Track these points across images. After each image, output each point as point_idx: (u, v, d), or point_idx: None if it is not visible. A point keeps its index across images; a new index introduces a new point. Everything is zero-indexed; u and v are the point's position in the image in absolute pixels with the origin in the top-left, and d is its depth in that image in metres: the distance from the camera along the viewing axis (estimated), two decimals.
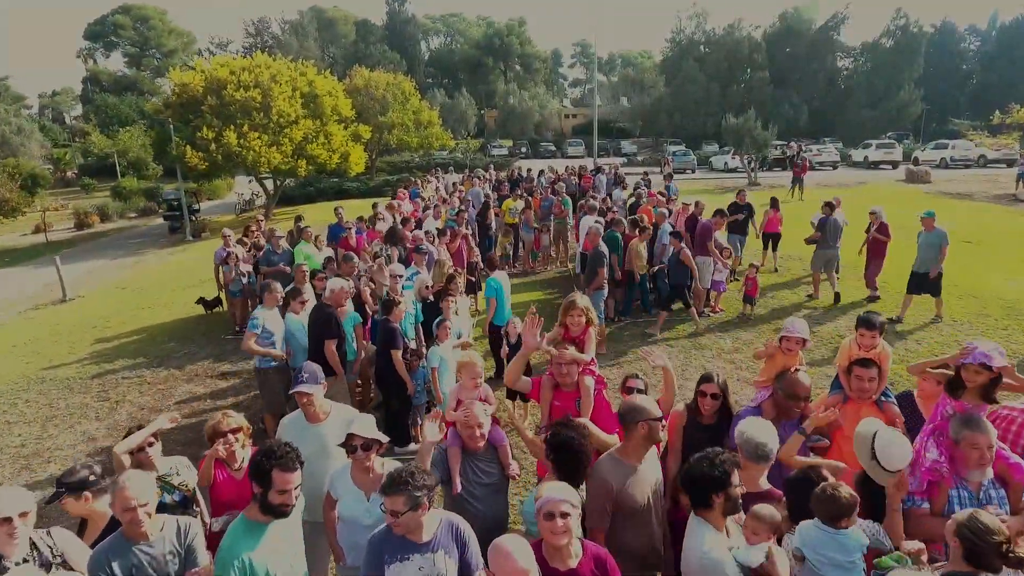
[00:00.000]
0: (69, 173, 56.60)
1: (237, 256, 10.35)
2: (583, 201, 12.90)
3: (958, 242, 12.39)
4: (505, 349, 7.54)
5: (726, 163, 38.73)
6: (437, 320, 6.48)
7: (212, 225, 27.29)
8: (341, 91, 27.91)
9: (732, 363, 8.48)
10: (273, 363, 6.34)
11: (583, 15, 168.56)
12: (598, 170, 23.02)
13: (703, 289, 10.37)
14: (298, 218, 12.35)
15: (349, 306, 6.73)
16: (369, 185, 32.80)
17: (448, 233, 10.02)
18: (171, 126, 22.90)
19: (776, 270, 13.32)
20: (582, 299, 4.01)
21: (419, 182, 19.49)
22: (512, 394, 6.32)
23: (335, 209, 12.07)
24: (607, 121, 64.57)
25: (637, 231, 10.28)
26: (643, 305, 10.75)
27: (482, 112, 72.05)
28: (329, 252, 10.58)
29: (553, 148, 56.49)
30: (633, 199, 13.77)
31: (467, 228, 12.58)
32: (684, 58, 60.94)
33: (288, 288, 6.87)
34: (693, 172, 38.47)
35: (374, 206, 12.79)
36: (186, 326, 11.49)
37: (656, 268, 10.54)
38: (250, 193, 31.66)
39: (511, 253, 14.85)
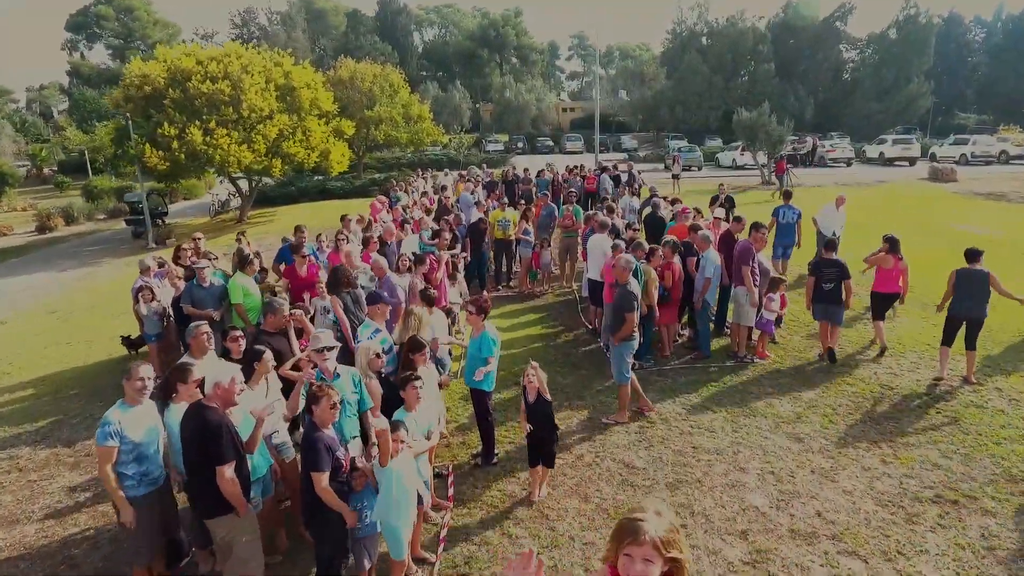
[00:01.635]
0: (47, 170, 54.18)
1: (152, 291, 8.13)
2: (591, 213, 10.77)
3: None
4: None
5: (734, 160, 36.62)
6: (396, 414, 4.40)
7: (181, 230, 25.09)
8: (321, 83, 25.66)
9: (797, 439, 6.40)
10: (144, 491, 4.22)
11: (580, 6, 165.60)
12: (602, 169, 20.89)
13: (744, 327, 8.28)
14: (298, 228, 9.98)
15: (261, 387, 4.65)
16: (354, 184, 30.60)
17: (427, 261, 7.80)
18: (129, 121, 20.65)
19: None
20: (654, 527, 1.84)
21: (403, 185, 17.19)
22: None
23: (296, 228, 9.80)
24: (606, 115, 62.35)
25: (656, 255, 8.21)
26: (701, 349, 8.64)
27: (477, 106, 69.74)
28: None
29: (551, 143, 54.31)
30: (649, 208, 11.60)
31: (455, 248, 10.49)
32: (686, 50, 58.82)
33: (177, 364, 4.74)
34: (699, 169, 36.30)
35: (342, 219, 10.67)
36: (101, 373, 9.27)
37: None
38: (226, 194, 29.42)
39: (506, 271, 12.72)
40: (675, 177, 25.50)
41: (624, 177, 19.78)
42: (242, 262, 7.79)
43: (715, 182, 29.27)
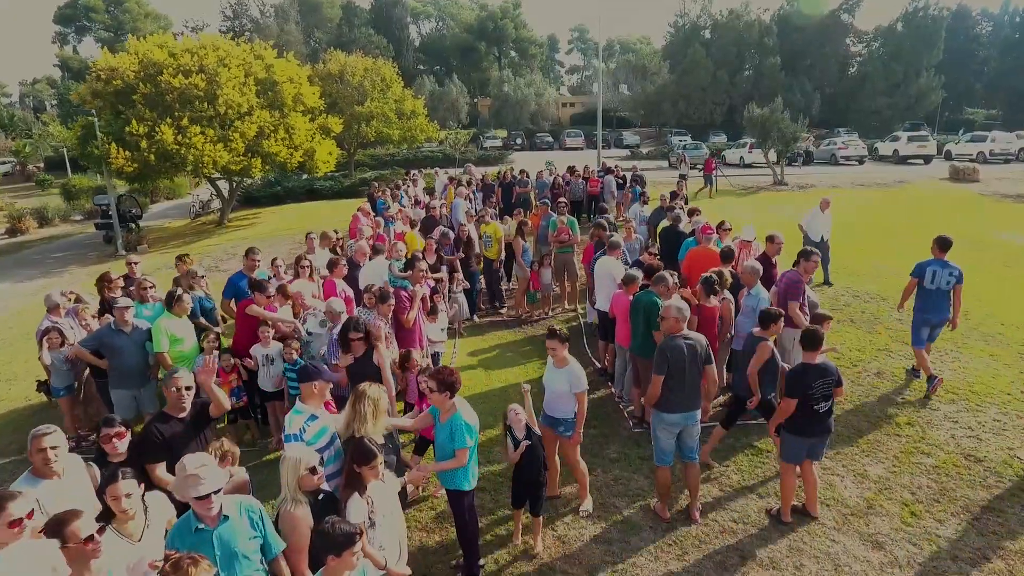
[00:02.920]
0: (31, 167, 52.53)
1: (61, 333, 6.59)
2: (598, 228, 9.24)
3: None
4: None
5: (742, 158, 35.02)
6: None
7: (158, 234, 23.58)
8: (305, 77, 24.09)
9: (875, 544, 4.92)
10: None
11: None
12: (607, 171, 19.37)
13: None
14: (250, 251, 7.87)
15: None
16: (343, 184, 29.03)
17: (395, 299, 6.26)
18: (95, 119, 19.08)
19: None
20: None
21: (386, 191, 15.64)
22: None
23: (247, 252, 8.16)
24: (607, 110, 60.56)
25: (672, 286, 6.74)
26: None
27: (475, 100, 68.07)
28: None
29: (551, 139, 52.73)
30: (667, 223, 10.07)
31: (439, 271, 8.99)
32: (689, 43, 57.19)
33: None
34: None
35: (307, 237, 9.14)
36: (10, 424, 7.77)
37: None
38: (208, 194, 27.89)
39: (488, 294, 11.21)
40: (683, 177, 23.90)
41: (630, 179, 18.26)
42: (168, 299, 6.26)
43: (724, 182, 27.90)
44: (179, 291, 6.30)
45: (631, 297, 6.65)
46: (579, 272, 10.51)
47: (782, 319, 5.75)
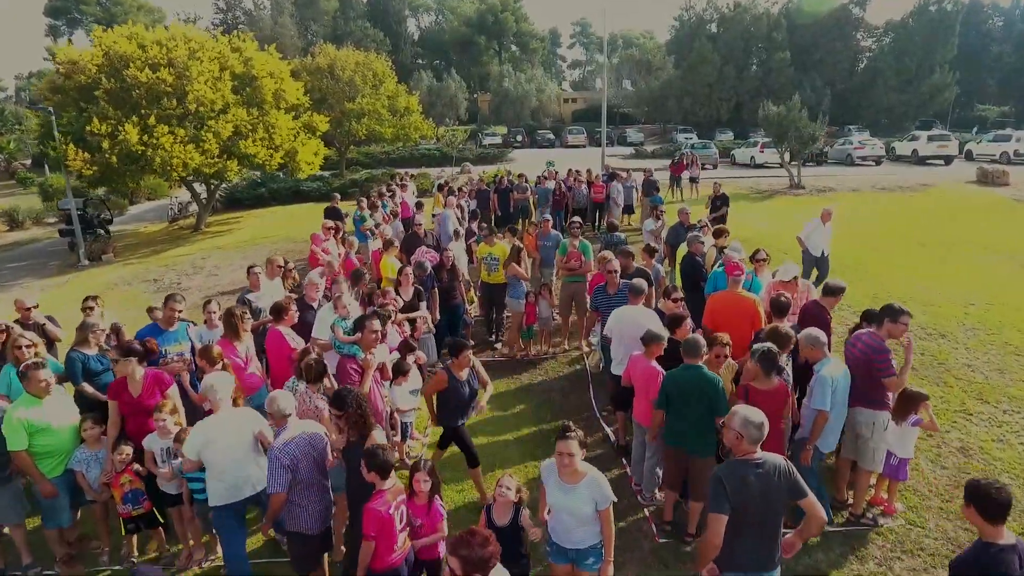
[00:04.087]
0: (15, 164, 50.90)
1: None
2: (608, 264, 7.54)
3: None
4: None
5: (752, 158, 33.37)
6: None
7: (129, 240, 21.94)
8: (288, 72, 22.40)
9: None
10: None
11: None
12: (612, 176, 17.71)
13: (866, 473, 5.15)
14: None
15: None
16: (332, 185, 27.31)
17: (324, 372, 4.61)
18: (52, 116, 17.43)
19: None
20: None
21: (362, 202, 13.94)
22: None
23: (167, 299, 6.29)
24: (610, 106, 58.78)
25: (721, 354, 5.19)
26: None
27: (474, 96, 66.28)
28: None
29: (552, 137, 50.98)
30: (687, 247, 8.40)
31: (417, 306, 7.38)
32: (695, 37, 55.37)
33: None
34: (714, 167, 32.97)
35: (250, 272, 7.41)
36: None
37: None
38: (188, 196, 26.21)
39: (493, 323, 9.59)
40: (692, 181, 22.29)
41: (642, 185, 16.63)
42: (21, 373, 4.63)
43: (736, 185, 26.12)
44: (33, 360, 4.67)
45: (660, 370, 5.05)
46: (587, 303, 8.91)
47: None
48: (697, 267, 7.95)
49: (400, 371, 5.76)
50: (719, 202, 14.75)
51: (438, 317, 8.00)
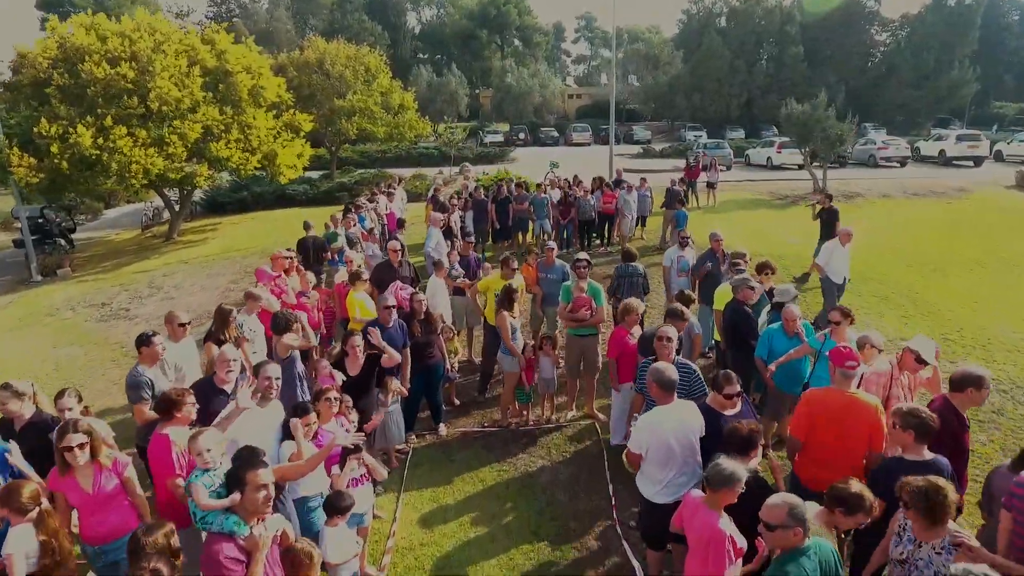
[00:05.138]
0: None
1: None
2: (673, 319, 5.63)
3: None
4: None
5: (769, 159, 31.34)
6: None
7: (95, 251, 20.14)
8: (267, 67, 20.52)
9: None
10: None
11: None
12: (618, 182, 15.77)
13: None
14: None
15: None
16: (320, 189, 25.50)
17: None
18: None
19: None
20: None
21: (336, 218, 12.01)
22: None
23: (59, 393, 4.72)
24: (616, 102, 56.98)
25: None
26: None
27: (476, 92, 64.28)
28: None
29: (556, 134, 49.00)
30: (726, 286, 6.50)
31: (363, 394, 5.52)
32: (704, 31, 53.31)
33: None
34: (728, 169, 30.89)
35: (145, 342, 5.45)
36: None
37: None
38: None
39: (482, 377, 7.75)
40: (710, 186, 20.38)
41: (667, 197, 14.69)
42: None
43: (755, 190, 24.13)
44: None
45: (738, 540, 3.23)
46: (600, 361, 7.04)
47: None
48: (746, 321, 6.10)
49: (337, 510, 3.92)
50: (827, 215, 12.33)
51: (405, 392, 6.13)
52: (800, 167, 29.53)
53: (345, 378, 5.38)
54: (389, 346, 5.69)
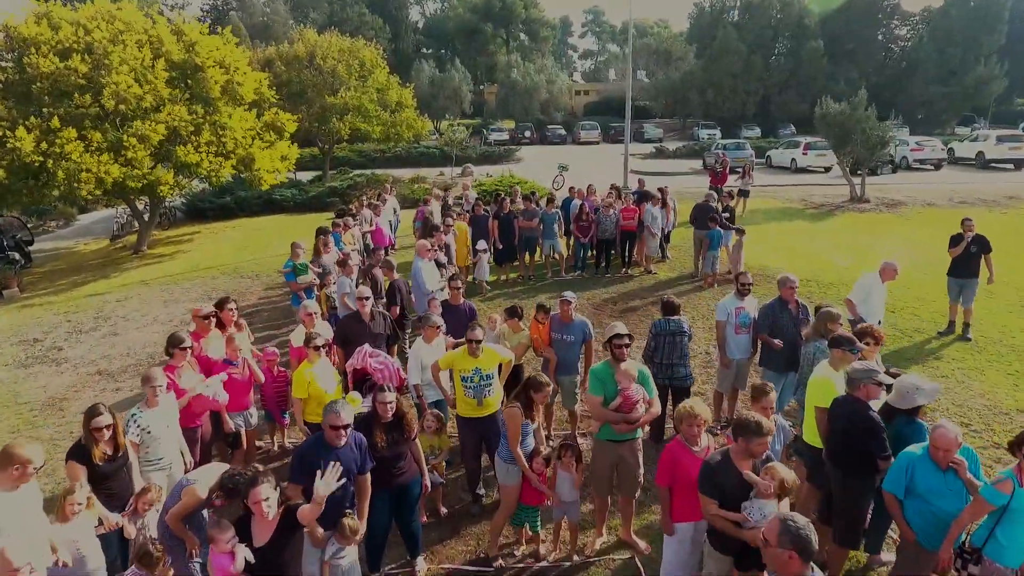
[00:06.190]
0: None
1: None
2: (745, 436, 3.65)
3: None
4: None
5: (794, 160, 29.17)
6: None
7: (54, 266, 18.15)
8: (244, 61, 18.48)
9: None
10: None
11: None
12: (644, 196, 13.66)
13: None
14: None
15: None
16: (309, 194, 23.48)
17: None
18: None
19: None
20: None
21: (299, 248, 9.82)
22: None
23: None
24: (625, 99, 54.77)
25: None
26: None
27: (480, 88, 62.10)
28: None
29: (563, 132, 46.87)
30: (847, 387, 4.48)
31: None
32: (718, 25, 50.98)
33: None
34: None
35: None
36: None
37: None
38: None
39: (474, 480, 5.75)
40: (743, 195, 18.25)
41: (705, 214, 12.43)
42: None
43: (787, 196, 21.62)
44: None
45: None
46: (641, 475, 4.98)
47: None
48: (873, 434, 4.07)
49: None
50: (975, 247, 9.19)
51: (361, 534, 4.14)
52: (826, 170, 27.44)
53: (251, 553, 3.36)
54: (338, 474, 3.63)
